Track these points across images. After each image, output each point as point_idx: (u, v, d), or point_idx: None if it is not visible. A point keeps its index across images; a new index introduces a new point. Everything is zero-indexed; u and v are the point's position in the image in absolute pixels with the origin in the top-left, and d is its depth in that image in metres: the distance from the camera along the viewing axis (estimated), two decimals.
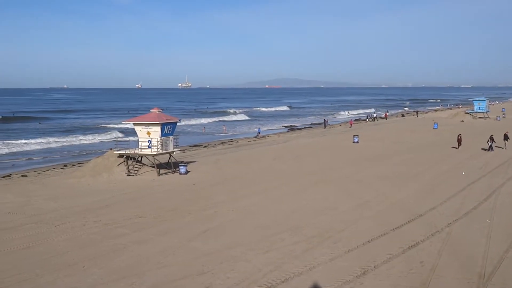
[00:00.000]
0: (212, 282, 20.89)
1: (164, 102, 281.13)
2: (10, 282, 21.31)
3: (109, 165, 49.16)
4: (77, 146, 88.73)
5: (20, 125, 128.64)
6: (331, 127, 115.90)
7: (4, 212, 34.90)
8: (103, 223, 30.99)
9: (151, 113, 50.99)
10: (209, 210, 33.75)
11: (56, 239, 27.64)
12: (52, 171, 56.79)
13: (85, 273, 22.28)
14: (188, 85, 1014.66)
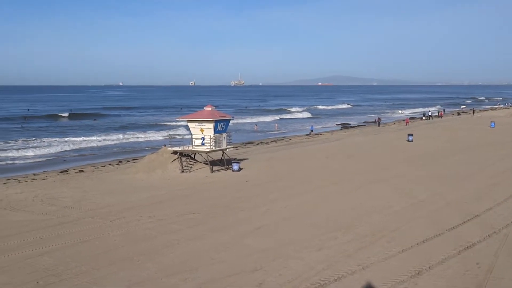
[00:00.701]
0: (265, 279, 20.94)
1: (217, 99, 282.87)
2: (69, 274, 21.82)
3: (163, 162, 49.75)
4: (132, 142, 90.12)
5: (76, 122, 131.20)
6: (384, 125, 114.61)
7: (62, 206, 35.72)
8: (157, 218, 31.40)
9: (204, 110, 51.35)
10: (262, 207, 33.82)
11: (112, 234, 28.15)
12: (107, 167, 57.81)
13: (140, 268, 22.63)
14: (241, 83, 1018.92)
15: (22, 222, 31.18)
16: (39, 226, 29.99)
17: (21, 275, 21.79)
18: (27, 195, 39.84)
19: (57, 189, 42.12)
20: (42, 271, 22.27)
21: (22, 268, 22.74)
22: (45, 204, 36.40)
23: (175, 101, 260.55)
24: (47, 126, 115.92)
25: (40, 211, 34.20)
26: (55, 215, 33.11)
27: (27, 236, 27.80)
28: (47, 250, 25.28)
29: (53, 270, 22.37)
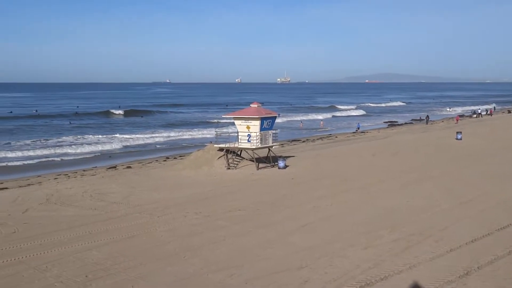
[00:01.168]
0: (310, 276, 20.90)
1: (263, 96, 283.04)
2: (117, 269, 22.17)
3: (209, 159, 50.08)
4: (178, 139, 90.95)
5: (124, 119, 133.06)
6: (433, 123, 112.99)
7: (110, 201, 36.31)
8: (203, 215, 31.63)
9: (250, 108, 51.50)
10: (307, 205, 33.75)
11: (159, 230, 28.48)
12: (155, 163, 58.50)
13: (186, 263, 22.84)
14: (287, 80, 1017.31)
15: (72, 217, 31.81)
16: (88, 221, 30.55)
17: (71, 269, 22.24)
18: (77, 190, 40.61)
19: (106, 185, 42.83)
20: (91, 265, 22.69)
21: (72, 262, 23.20)
22: (94, 200, 37.05)
23: (221, 99, 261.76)
24: (95, 123, 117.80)
25: (89, 206, 34.83)
26: (103, 210, 33.68)
27: (76, 231, 28.35)
28: (95, 245, 25.73)
29: (101, 264, 22.76)
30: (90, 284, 20.44)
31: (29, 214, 32.88)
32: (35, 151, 72.10)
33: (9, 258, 23.78)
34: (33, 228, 29.28)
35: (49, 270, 22.10)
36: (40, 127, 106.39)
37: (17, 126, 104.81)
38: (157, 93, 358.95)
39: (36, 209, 34.47)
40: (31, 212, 33.46)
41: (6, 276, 21.46)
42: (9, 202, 36.64)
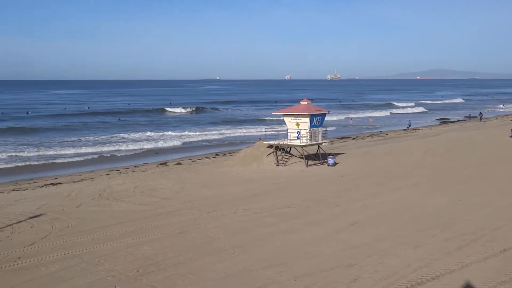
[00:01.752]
0: (360, 274, 20.73)
1: (313, 93, 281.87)
2: (168, 264, 22.42)
3: (259, 155, 50.17)
4: (228, 136, 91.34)
5: (174, 116, 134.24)
6: (486, 120, 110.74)
7: (161, 197, 36.73)
8: (252, 211, 31.71)
9: (300, 105, 51.38)
10: (357, 202, 33.50)
11: (209, 226, 28.67)
12: (204, 160, 58.93)
13: (235, 260, 22.93)
14: (337, 77, 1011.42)
15: (124, 212, 32.31)
16: (139, 217, 30.98)
17: (122, 263, 22.59)
18: (128, 186, 41.22)
19: (157, 181, 43.34)
20: (142, 260, 23.00)
21: (123, 256, 23.57)
22: (145, 195, 37.55)
23: (270, 96, 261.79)
24: (146, 120, 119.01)
25: (140, 202, 35.31)
26: (154, 206, 34.10)
27: (128, 226, 28.78)
28: (146, 240, 26.07)
29: (152, 259, 23.05)
30: (141, 279, 20.73)
31: (82, 209, 33.53)
32: (86, 147, 73.42)
33: (63, 252, 24.30)
34: (86, 222, 29.85)
35: (102, 264, 22.51)
36: (92, 123, 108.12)
37: (71, 123, 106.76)
38: (207, 90, 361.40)
39: (89, 204, 35.14)
40: (84, 207, 34.11)
41: (60, 270, 21.93)
42: (63, 197, 37.43)
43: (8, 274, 21.50)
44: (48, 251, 24.44)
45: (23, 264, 22.69)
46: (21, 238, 26.80)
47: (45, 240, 26.37)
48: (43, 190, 41.13)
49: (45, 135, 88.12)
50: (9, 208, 34.00)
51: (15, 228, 28.69)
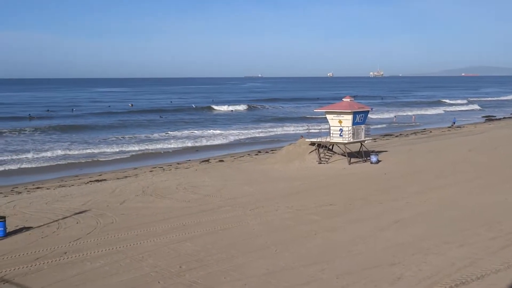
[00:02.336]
0: (403, 273, 20.54)
1: (356, 90, 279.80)
2: (209, 261, 22.57)
3: (301, 153, 50.09)
4: (270, 133, 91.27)
5: (215, 114, 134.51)
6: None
7: (203, 194, 36.97)
8: (294, 209, 31.69)
9: (343, 102, 51.13)
10: (400, 200, 33.19)
11: (251, 223, 28.75)
12: (246, 157, 59.06)
13: (277, 257, 22.96)
14: (380, 74, 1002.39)
15: (167, 209, 32.62)
16: (182, 213, 31.25)
17: (166, 259, 22.83)
18: (171, 183, 41.59)
19: (199, 178, 43.63)
20: (184, 256, 23.20)
21: (166, 252, 23.82)
22: (188, 192, 37.83)
23: (312, 93, 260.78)
24: (189, 118, 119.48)
25: (183, 199, 35.60)
26: (196, 202, 34.35)
27: (171, 222, 29.06)
28: (189, 236, 26.28)
29: (195, 256, 23.23)
30: (184, 275, 20.92)
31: (126, 205, 33.97)
32: (130, 145, 74.21)
33: (108, 247, 24.68)
34: (130, 219, 30.25)
35: (145, 260, 22.78)
36: (135, 121, 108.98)
37: (114, 121, 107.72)
38: (249, 88, 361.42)
39: (132, 200, 35.58)
40: (128, 203, 34.55)
41: (105, 265, 22.29)
42: (108, 193, 37.98)
43: (55, 269, 21.93)
44: (93, 247, 24.85)
45: (69, 259, 23.12)
46: (67, 233, 27.30)
47: (90, 235, 26.82)
48: (88, 187, 41.79)
49: (89, 132, 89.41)
50: (56, 204, 34.66)
51: (61, 224, 29.24)
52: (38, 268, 22.02)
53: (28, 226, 28.76)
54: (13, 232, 27.45)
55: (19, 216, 31.21)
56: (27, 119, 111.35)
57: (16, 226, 28.77)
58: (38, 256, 23.61)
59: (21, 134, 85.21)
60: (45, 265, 22.38)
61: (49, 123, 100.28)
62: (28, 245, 25.27)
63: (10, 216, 30.23)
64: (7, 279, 20.79)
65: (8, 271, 21.62)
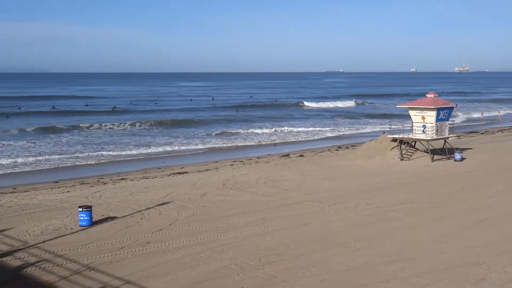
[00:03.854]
0: (487, 274, 19.96)
1: (440, 86, 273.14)
2: (288, 255, 22.62)
3: (382, 149, 49.43)
4: (350, 129, 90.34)
5: (289, 110, 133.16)
6: None
7: (283, 189, 37.04)
8: (375, 205, 31.32)
9: (426, 98, 50.07)
10: (486, 199, 32.25)
11: (330, 218, 28.61)
12: (326, 153, 58.78)
13: (357, 253, 22.76)
14: (465, 69, 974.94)
15: (246, 202, 32.88)
16: (261, 207, 31.42)
17: (245, 252, 23.03)
18: (251, 176, 41.88)
19: (279, 172, 43.74)
20: (263, 250, 23.33)
21: (246, 245, 24.01)
22: (268, 186, 38.00)
23: (395, 89, 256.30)
24: (264, 115, 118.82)
25: (263, 193, 35.78)
26: (276, 197, 34.46)
27: (250, 216, 29.27)
28: (268, 230, 26.40)
29: (273, 250, 23.32)
30: (262, 268, 21.04)
31: (207, 198, 34.45)
32: (212, 138, 75.29)
33: (189, 239, 25.11)
34: (210, 211, 30.67)
35: (225, 252, 23.05)
36: (213, 116, 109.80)
37: (195, 116, 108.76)
38: (331, 83, 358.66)
39: (213, 193, 36.05)
40: (209, 196, 35.03)
41: (186, 256, 22.69)
42: (189, 186, 38.62)
43: (138, 258, 22.51)
44: (175, 238, 25.34)
45: (151, 249, 23.68)
46: (150, 224, 27.95)
47: (172, 226, 27.36)
48: (170, 179, 42.63)
49: (170, 126, 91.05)
50: (139, 195, 35.54)
51: (144, 214, 29.97)
52: (122, 257, 22.67)
53: (112, 216, 29.66)
54: (98, 222, 28.36)
55: (105, 206, 32.21)
56: (112, 113, 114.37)
57: (101, 215, 29.72)
58: (122, 245, 24.30)
59: (113, 128, 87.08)
60: (128, 254, 23.02)
61: (130, 117, 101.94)
62: (112, 234, 26.05)
63: (96, 206, 31.25)
64: (92, 266, 21.51)
65: (93, 259, 22.37)
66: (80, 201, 33.10)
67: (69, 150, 63.33)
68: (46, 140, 71.15)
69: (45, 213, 30.83)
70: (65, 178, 45.64)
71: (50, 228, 27.41)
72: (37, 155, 58.77)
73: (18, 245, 24.55)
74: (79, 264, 21.86)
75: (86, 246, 24.27)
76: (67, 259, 22.46)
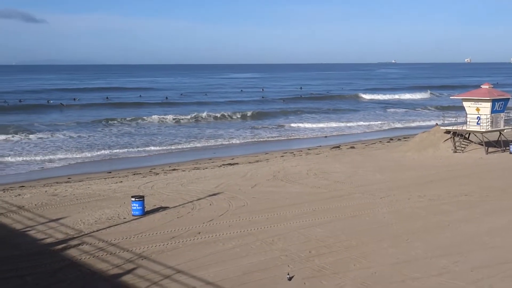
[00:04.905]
0: None
1: (495, 77, 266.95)
2: (339, 247, 22.54)
3: (435, 141, 48.69)
4: (401, 121, 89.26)
5: (338, 102, 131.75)
6: None
7: (333, 181, 36.87)
8: (427, 198, 30.91)
9: (481, 89, 49.06)
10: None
11: (381, 211, 28.37)
12: (378, 144, 58.25)
13: (409, 246, 22.52)
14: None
15: (297, 194, 32.86)
16: (312, 199, 31.36)
17: (295, 243, 23.04)
18: (302, 168, 41.81)
19: (330, 164, 43.55)
20: (314, 242, 23.30)
21: (296, 237, 24.02)
22: (318, 178, 37.88)
23: (448, 80, 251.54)
24: (314, 107, 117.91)
25: (313, 184, 35.70)
26: (327, 189, 34.33)
27: (301, 207, 29.25)
28: (319, 222, 26.35)
29: (324, 242, 23.27)
30: (313, 260, 21.02)
31: (257, 189, 34.56)
32: (259, 130, 75.47)
33: (239, 229, 25.26)
34: (260, 202, 30.76)
35: (275, 243, 23.11)
36: (263, 107, 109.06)
37: (246, 108, 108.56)
38: (384, 74, 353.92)
39: (263, 184, 36.13)
40: (259, 187, 35.14)
41: (236, 246, 22.84)
42: (240, 177, 38.80)
43: (189, 248, 22.77)
44: (225, 228, 25.53)
45: (202, 239, 23.92)
46: (201, 214, 28.22)
47: (223, 217, 27.56)
48: (221, 170, 42.90)
49: (222, 118, 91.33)
50: (190, 186, 35.89)
51: (195, 205, 30.27)
52: (174, 246, 22.96)
53: (164, 206, 30.05)
54: (151, 211, 28.78)
55: (156, 196, 32.65)
56: (164, 104, 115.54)
57: (153, 205, 30.15)
58: (174, 235, 24.61)
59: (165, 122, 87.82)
60: (180, 244, 23.31)
61: (181, 110, 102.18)
62: (164, 224, 26.41)
63: (148, 196, 31.70)
64: (145, 255, 21.86)
65: (146, 248, 22.73)
66: (133, 191, 33.63)
67: (121, 141, 64.43)
68: (99, 131, 72.60)
69: (99, 202, 31.47)
70: (118, 169, 46.43)
71: (103, 217, 27.97)
72: (90, 145, 60.09)
73: (73, 233, 25.15)
74: (131, 253, 22.25)
75: (138, 235, 24.68)
76: (120, 247, 22.89)
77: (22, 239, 24.50)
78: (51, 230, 25.78)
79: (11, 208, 30.25)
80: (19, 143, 62.53)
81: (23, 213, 29.11)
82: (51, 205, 31.01)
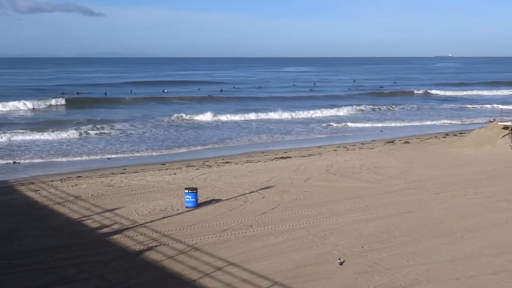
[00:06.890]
0: None
1: None
2: (392, 243, 22.33)
3: (492, 137, 47.67)
4: (458, 116, 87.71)
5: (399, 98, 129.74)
6: None
7: (387, 176, 36.51)
8: (483, 195, 30.31)
9: None
10: None
11: (436, 207, 27.96)
12: (433, 139, 57.35)
13: (464, 244, 22.15)
14: None
15: (349, 189, 32.68)
16: (365, 194, 31.13)
17: (347, 238, 22.94)
18: (355, 162, 41.52)
19: (383, 159, 43.13)
20: (366, 237, 23.14)
21: (348, 232, 23.91)
22: (371, 173, 37.57)
23: (506, 75, 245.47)
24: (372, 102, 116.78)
25: (367, 179, 35.42)
26: (380, 184, 34.02)
27: (353, 202, 29.08)
28: (372, 217, 26.15)
29: (377, 237, 23.09)
30: (365, 255, 20.89)
31: (310, 183, 34.49)
32: (316, 124, 75.21)
33: (291, 223, 25.28)
34: (313, 196, 30.71)
35: (327, 238, 23.05)
36: (322, 103, 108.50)
37: (300, 104, 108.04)
38: (440, 68, 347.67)
39: (316, 178, 36.03)
40: (312, 181, 35.06)
41: (288, 240, 22.88)
42: (292, 171, 38.79)
43: (241, 240, 22.92)
44: (277, 222, 25.58)
45: (254, 232, 24.03)
46: (253, 207, 28.35)
47: (275, 210, 27.63)
48: (274, 163, 42.94)
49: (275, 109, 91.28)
50: (243, 179, 36.06)
51: (247, 198, 30.42)
52: (226, 239, 23.15)
53: (217, 199, 30.31)
54: (204, 203, 29.07)
55: (209, 189, 32.94)
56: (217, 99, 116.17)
57: (206, 197, 30.44)
58: (226, 227, 24.81)
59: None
60: (232, 236, 23.48)
61: (232, 105, 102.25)
62: (217, 216, 26.64)
63: (201, 188, 32.00)
64: (197, 247, 22.10)
65: (198, 240, 22.98)
66: (186, 183, 34.01)
67: (174, 134, 65.10)
68: (151, 124, 73.19)
69: (153, 193, 31.95)
70: (172, 160, 46.94)
71: (157, 208, 28.40)
72: (140, 137, 60.93)
73: (127, 224, 25.62)
74: (184, 244, 22.53)
75: (191, 227, 24.97)
76: (173, 239, 23.20)
77: (79, 228, 25.10)
78: (107, 220, 26.33)
79: (68, 198, 31.01)
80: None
81: (79, 203, 29.81)
82: (106, 195, 31.66)
